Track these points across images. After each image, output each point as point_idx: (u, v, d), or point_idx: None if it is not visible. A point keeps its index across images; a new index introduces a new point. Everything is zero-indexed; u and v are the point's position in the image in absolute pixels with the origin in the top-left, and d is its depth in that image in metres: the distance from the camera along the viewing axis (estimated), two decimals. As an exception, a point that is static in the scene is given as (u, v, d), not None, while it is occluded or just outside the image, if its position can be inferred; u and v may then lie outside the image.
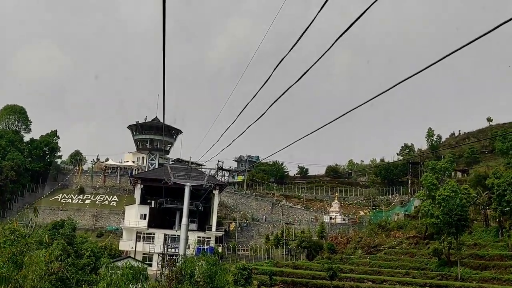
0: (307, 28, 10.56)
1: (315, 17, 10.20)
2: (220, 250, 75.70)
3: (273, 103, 14.59)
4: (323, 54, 11.11)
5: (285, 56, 11.89)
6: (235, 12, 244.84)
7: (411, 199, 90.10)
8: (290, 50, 11.62)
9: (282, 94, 13.81)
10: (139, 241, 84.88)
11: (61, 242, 45.69)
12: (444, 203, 53.31)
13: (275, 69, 12.69)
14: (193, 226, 78.81)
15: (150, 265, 77.19)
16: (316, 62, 11.57)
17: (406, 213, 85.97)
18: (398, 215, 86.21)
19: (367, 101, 12.23)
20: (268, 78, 13.15)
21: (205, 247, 68.76)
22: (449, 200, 51.75)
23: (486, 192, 64.93)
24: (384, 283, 51.34)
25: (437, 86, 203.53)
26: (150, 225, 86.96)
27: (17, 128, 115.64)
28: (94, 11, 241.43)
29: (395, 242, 70.01)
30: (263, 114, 15.88)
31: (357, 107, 12.76)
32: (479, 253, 56.03)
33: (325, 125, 14.73)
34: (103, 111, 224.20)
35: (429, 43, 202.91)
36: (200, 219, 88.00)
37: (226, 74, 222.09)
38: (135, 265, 47.13)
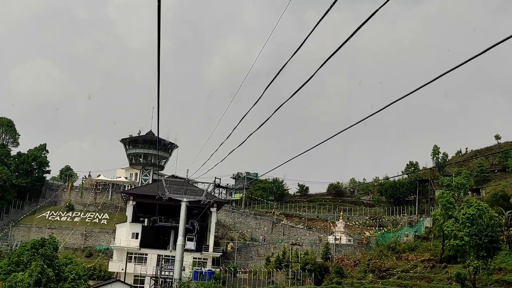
0: (300, 46, 11.30)
1: (308, 36, 10.86)
2: (217, 272, 69.78)
3: (271, 115, 14.99)
4: (317, 70, 11.67)
5: (281, 69, 12.63)
6: (232, 32, 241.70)
7: (421, 219, 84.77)
8: (285, 65, 12.40)
9: (280, 107, 14.38)
10: (130, 262, 79.04)
11: (40, 263, 40.00)
12: (469, 223, 48.01)
13: (272, 81, 13.30)
14: (191, 245, 73.16)
15: (142, 288, 71.49)
16: (310, 78, 12.10)
17: (416, 234, 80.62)
18: (407, 236, 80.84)
19: (368, 117, 12.81)
20: (265, 90, 13.78)
21: (204, 270, 62.91)
22: (477, 219, 46.49)
23: (509, 211, 59.82)
24: (408, 313, 45.71)
25: (439, 104, 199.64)
26: (142, 245, 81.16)
27: (3, 142, 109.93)
28: (89, 28, 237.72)
29: (409, 266, 64.51)
30: (261, 126, 16.07)
31: (358, 122, 13.30)
32: (506, 278, 50.65)
33: (325, 141, 15.45)
34: (97, 128, 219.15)
35: (423, 63, 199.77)
36: (197, 238, 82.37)
37: (222, 92, 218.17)
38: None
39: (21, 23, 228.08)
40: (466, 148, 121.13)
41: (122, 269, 77.51)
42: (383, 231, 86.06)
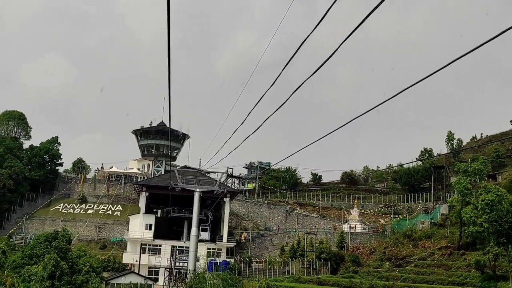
0: (308, 35, 11.26)
1: (317, 25, 10.69)
2: (232, 262, 69.09)
3: (287, 99, 14.71)
4: (329, 57, 11.48)
5: (295, 53, 12.17)
6: (243, 24, 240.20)
7: (437, 206, 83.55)
8: (297, 50, 12.00)
9: (296, 90, 14.01)
10: (144, 253, 78.78)
11: (53, 256, 39.55)
12: (488, 209, 46.91)
13: (286, 65, 12.99)
14: (205, 235, 72.38)
15: (156, 279, 71.21)
16: (323, 64, 11.86)
17: (432, 221, 79.46)
18: (423, 224, 79.73)
19: (380, 104, 12.52)
20: (280, 73, 13.56)
21: (218, 261, 62.30)
22: (496, 205, 45.39)
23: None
24: (427, 302, 44.68)
25: (451, 91, 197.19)
26: (156, 236, 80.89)
27: (16, 135, 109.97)
28: (100, 22, 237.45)
29: (426, 253, 63.47)
30: (278, 109, 15.82)
31: (371, 110, 13.03)
32: (526, 265, 49.52)
33: (337, 129, 15.14)
34: (109, 121, 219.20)
35: (435, 49, 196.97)
36: (210, 229, 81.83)
37: (233, 84, 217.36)
38: (138, 283, 40.49)
39: (33, 18, 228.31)
40: (481, 134, 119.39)
41: (136, 261, 77.26)
42: (398, 218, 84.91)
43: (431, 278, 52.92)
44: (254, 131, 19.31)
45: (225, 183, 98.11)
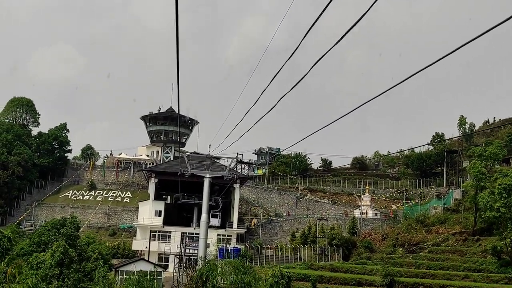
0: (316, 20, 11.34)
1: (323, 10, 10.80)
2: (244, 249, 68.20)
3: (299, 81, 14.34)
4: (338, 41, 11.50)
5: (304, 36, 12.08)
6: (252, 10, 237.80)
7: (450, 191, 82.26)
8: (306, 35, 12.07)
9: (300, 81, 14.02)
10: (154, 240, 78.20)
11: (61, 243, 38.81)
12: (505, 194, 45.71)
13: (290, 57, 13.31)
14: (215, 221, 71.80)
15: (167, 266, 70.60)
16: (332, 48, 11.82)
17: (445, 206, 78.25)
18: (436, 209, 78.56)
19: (390, 88, 12.65)
20: (290, 56, 13.48)
21: (229, 247, 61.46)
22: (514, 190, 44.20)
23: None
24: (445, 289, 43.53)
25: (464, 74, 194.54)
26: (165, 223, 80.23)
27: (24, 122, 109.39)
28: (108, 10, 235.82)
29: (440, 239, 62.38)
30: (290, 91, 15.73)
31: (381, 94, 13.10)
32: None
33: (346, 114, 15.26)
34: (118, 108, 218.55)
35: (444, 33, 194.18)
36: (221, 215, 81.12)
37: (241, 71, 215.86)
38: (148, 270, 39.67)
39: (41, 7, 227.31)
40: (494, 118, 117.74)
41: (146, 247, 76.72)
42: (410, 204, 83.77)
43: (446, 264, 51.91)
44: (269, 111, 19.08)
45: (235, 169, 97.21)
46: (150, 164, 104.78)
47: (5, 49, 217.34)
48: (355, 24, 10.76)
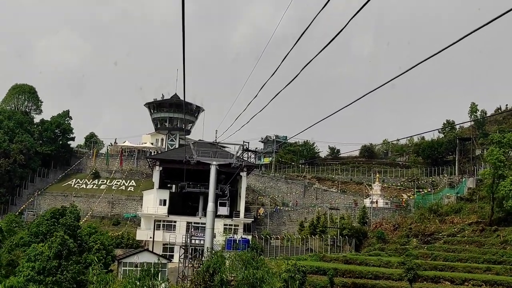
0: (323, 7, 10.96)
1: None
2: (253, 241, 65.77)
3: (303, 68, 14.09)
4: (343, 27, 11.17)
5: (310, 23, 11.80)
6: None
7: (463, 179, 79.75)
8: (311, 22, 11.70)
9: (305, 67, 13.72)
10: (159, 229, 76.14)
11: (60, 234, 36.60)
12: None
13: (295, 43, 12.82)
14: (224, 210, 69.33)
15: (172, 256, 68.59)
16: (338, 34, 11.40)
17: (458, 195, 75.81)
18: (448, 198, 76.14)
19: (399, 76, 12.01)
20: (290, 50, 13.36)
21: (237, 238, 59.10)
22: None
23: None
24: (467, 283, 41.19)
25: (475, 61, 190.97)
26: (170, 212, 78.09)
27: (26, 109, 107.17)
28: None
29: (455, 229, 59.99)
30: (287, 85, 15.75)
31: (390, 81, 12.34)
32: None
33: (354, 101, 14.59)
34: (123, 96, 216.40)
35: (455, 21, 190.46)
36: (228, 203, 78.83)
37: (248, 59, 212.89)
38: (152, 262, 37.42)
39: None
40: (506, 105, 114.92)
41: (150, 237, 74.70)
42: (423, 193, 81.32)
43: (464, 256, 49.56)
44: (267, 104, 18.50)
45: (241, 157, 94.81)
46: (154, 152, 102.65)
47: (10, 36, 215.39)
48: (355, 14, 10.52)
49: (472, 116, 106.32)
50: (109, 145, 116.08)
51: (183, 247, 57.10)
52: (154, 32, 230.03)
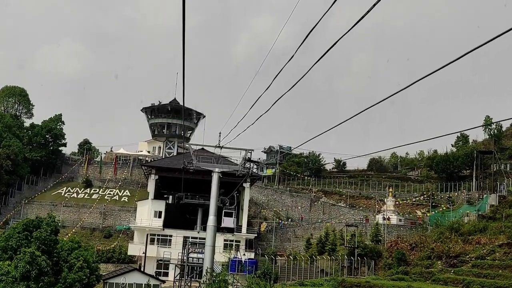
0: (320, 19, 11.57)
1: (328, 9, 11.09)
2: (261, 262, 58.54)
3: (295, 83, 14.87)
4: (332, 46, 11.68)
5: (309, 33, 12.13)
6: (261, 9, 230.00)
7: (485, 195, 73.54)
8: (310, 33, 12.09)
9: (312, 66, 13.76)
10: (153, 244, 69.78)
11: (28, 251, 30.24)
12: None
13: (296, 51, 13.39)
14: (230, 222, 62.73)
15: (166, 274, 62.25)
16: (326, 53, 12.06)
17: (479, 213, 69.60)
18: (468, 216, 69.97)
19: (413, 84, 12.10)
20: (290, 59, 13.98)
21: (242, 258, 52.47)
22: None
23: None
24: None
25: (487, 75, 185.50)
26: (166, 225, 71.73)
27: (16, 112, 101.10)
28: (116, 5, 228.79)
29: (484, 251, 53.64)
30: (277, 100, 16.59)
31: (398, 92, 12.71)
32: None
33: (360, 113, 14.81)
34: (122, 105, 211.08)
35: (452, 39, 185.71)
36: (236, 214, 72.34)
37: (249, 70, 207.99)
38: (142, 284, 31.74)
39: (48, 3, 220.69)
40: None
41: (143, 253, 68.29)
42: (441, 209, 75.07)
43: (502, 283, 43.14)
44: (264, 113, 19.30)
45: (249, 165, 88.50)
46: (151, 160, 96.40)
47: (12, 44, 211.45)
48: (354, 25, 10.70)
49: (486, 129, 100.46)
50: (105, 153, 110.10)
51: (179, 265, 50.65)
52: (156, 40, 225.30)
